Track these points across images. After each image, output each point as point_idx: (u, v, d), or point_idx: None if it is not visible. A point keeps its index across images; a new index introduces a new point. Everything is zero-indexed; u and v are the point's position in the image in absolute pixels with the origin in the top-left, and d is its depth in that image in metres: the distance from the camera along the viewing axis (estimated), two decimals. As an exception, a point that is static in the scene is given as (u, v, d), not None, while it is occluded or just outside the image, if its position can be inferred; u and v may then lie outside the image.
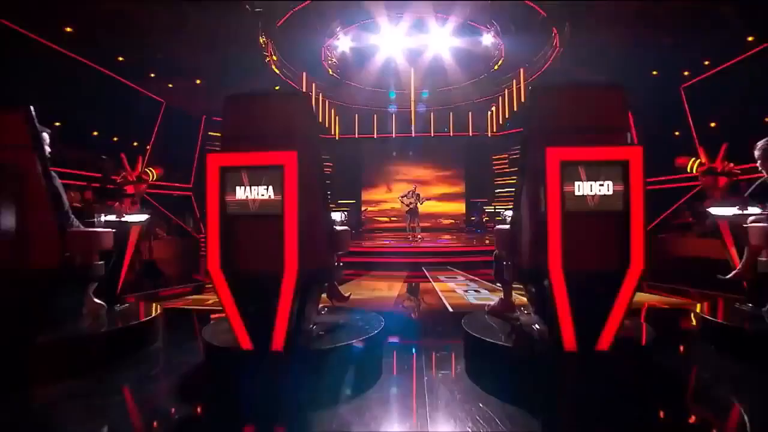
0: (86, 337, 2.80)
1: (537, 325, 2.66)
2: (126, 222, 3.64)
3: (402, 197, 11.79)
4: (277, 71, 13.74)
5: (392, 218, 12.28)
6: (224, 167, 2.30)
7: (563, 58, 13.25)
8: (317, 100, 14.65)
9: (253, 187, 2.29)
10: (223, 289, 2.32)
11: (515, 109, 13.84)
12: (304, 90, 13.76)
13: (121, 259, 3.60)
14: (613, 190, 2.21)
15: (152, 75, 13.77)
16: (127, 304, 3.64)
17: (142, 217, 3.95)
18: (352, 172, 20.13)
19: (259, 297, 2.30)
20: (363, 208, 19.48)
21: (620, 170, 2.22)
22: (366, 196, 20.20)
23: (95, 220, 3.42)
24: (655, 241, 13.21)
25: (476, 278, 6.59)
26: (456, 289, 5.64)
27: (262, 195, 2.29)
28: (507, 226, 2.77)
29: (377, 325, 2.74)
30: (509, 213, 2.89)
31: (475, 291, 5.54)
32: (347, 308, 3.29)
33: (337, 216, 3.08)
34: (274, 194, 2.27)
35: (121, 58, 12.58)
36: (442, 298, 5.05)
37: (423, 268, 7.86)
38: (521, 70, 13.24)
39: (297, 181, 2.24)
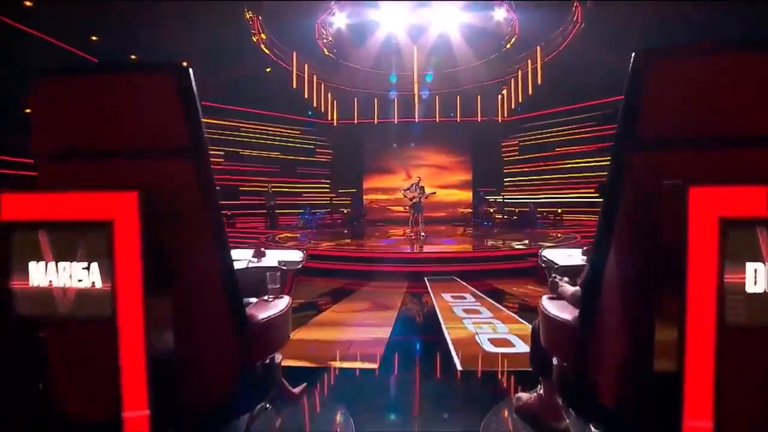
0: None
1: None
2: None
3: (405, 191, 10.59)
4: (267, 51, 12.43)
5: (407, 207, 11.16)
6: (6, 224, 1.11)
7: (583, 35, 11.85)
8: (310, 82, 13.32)
9: (62, 265, 1.11)
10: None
11: (530, 92, 12.47)
12: (297, 72, 12.45)
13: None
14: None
15: (132, 57, 12.51)
16: None
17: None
18: (352, 159, 18.89)
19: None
20: (369, 201, 18.27)
21: None
22: (368, 184, 18.99)
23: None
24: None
25: (486, 298, 5.42)
26: (464, 320, 4.48)
27: (80, 280, 1.10)
28: (566, 316, 1.51)
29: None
30: (566, 284, 1.69)
31: (488, 323, 4.38)
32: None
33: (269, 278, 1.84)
34: (101, 279, 1.09)
35: (94, 38, 11.34)
36: (448, 340, 3.89)
37: (425, 279, 6.70)
38: (538, 48, 11.80)
39: (141, 250, 1.06)
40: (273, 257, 2.35)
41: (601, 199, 1.37)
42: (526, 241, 10.08)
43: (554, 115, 16.37)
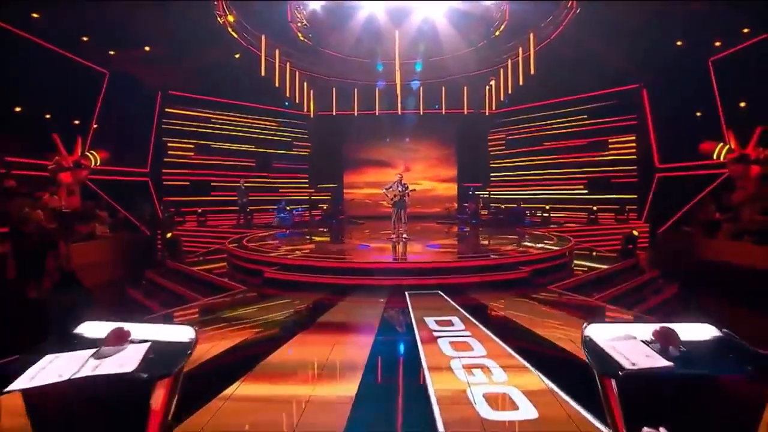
0: None
1: None
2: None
3: (387, 189, 9.66)
4: (235, 35, 11.27)
5: (390, 202, 10.14)
6: None
7: (575, 24, 11.01)
8: (282, 69, 12.17)
9: None
10: None
11: (520, 82, 11.56)
12: (266, 57, 11.23)
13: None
14: None
15: (85, 39, 11.23)
16: None
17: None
18: (332, 153, 17.87)
19: None
20: (350, 198, 17.30)
21: None
22: (349, 178, 18.00)
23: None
24: (675, 238, 11.33)
25: (476, 324, 4.56)
26: (452, 361, 3.60)
27: None
28: None
29: None
30: None
31: (481, 367, 3.50)
32: None
33: None
34: None
35: (35, 15, 10.04)
36: (432, 396, 3.01)
37: (406, 294, 5.82)
38: (531, 35, 10.85)
39: None
40: (149, 332, 1.42)
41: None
42: (514, 245, 9.28)
43: (543, 108, 15.60)
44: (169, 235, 9.48)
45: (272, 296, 6.13)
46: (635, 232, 9.38)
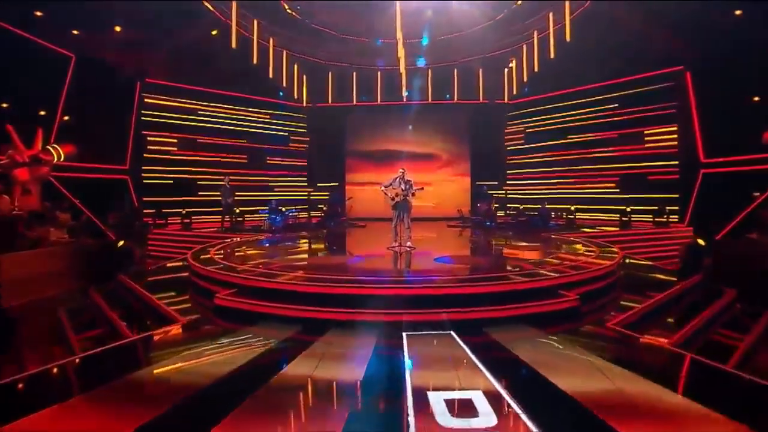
0: None
1: None
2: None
3: (386, 187, 7.80)
4: (211, 8, 9.45)
5: (392, 200, 8.34)
6: None
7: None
8: (271, 52, 10.28)
9: None
10: None
11: (552, 54, 9.42)
12: (236, 28, 9.36)
13: None
14: None
15: (38, 14, 9.52)
16: None
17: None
18: (332, 148, 16.07)
19: None
20: (348, 197, 15.45)
21: None
22: (351, 176, 16.16)
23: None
24: (739, 247, 9.17)
25: (519, 414, 2.65)
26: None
27: None
28: None
29: None
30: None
31: None
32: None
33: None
34: None
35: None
36: None
37: (404, 336, 3.94)
38: (566, 2, 8.75)
39: None
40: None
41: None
42: (546, 256, 7.31)
43: (567, 96, 13.61)
44: (120, 243, 7.71)
45: (213, 336, 4.29)
46: (701, 241, 7.33)
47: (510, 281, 5.12)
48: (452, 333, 4.07)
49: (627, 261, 7.49)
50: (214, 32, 9.86)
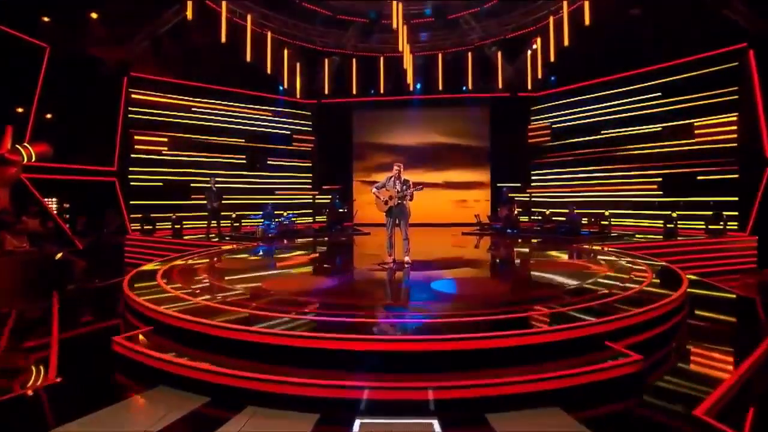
0: None
1: None
2: None
3: (378, 188, 6.23)
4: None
5: (388, 200, 7.03)
6: None
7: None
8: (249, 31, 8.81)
9: None
10: None
11: (587, 21, 7.61)
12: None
13: None
14: None
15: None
16: None
17: None
18: (338, 148, 14.65)
19: None
20: (353, 200, 13.94)
21: None
22: (361, 176, 14.67)
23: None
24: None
25: None
26: None
27: None
28: None
29: None
30: None
31: None
32: None
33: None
34: None
35: None
36: None
37: (357, 423, 2.35)
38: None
39: None
40: None
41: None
42: (584, 279, 5.50)
43: (599, 87, 11.74)
44: (59, 255, 6.38)
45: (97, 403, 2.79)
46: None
47: (531, 328, 3.42)
48: (434, 424, 2.44)
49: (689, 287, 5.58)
50: (188, 14, 8.50)
